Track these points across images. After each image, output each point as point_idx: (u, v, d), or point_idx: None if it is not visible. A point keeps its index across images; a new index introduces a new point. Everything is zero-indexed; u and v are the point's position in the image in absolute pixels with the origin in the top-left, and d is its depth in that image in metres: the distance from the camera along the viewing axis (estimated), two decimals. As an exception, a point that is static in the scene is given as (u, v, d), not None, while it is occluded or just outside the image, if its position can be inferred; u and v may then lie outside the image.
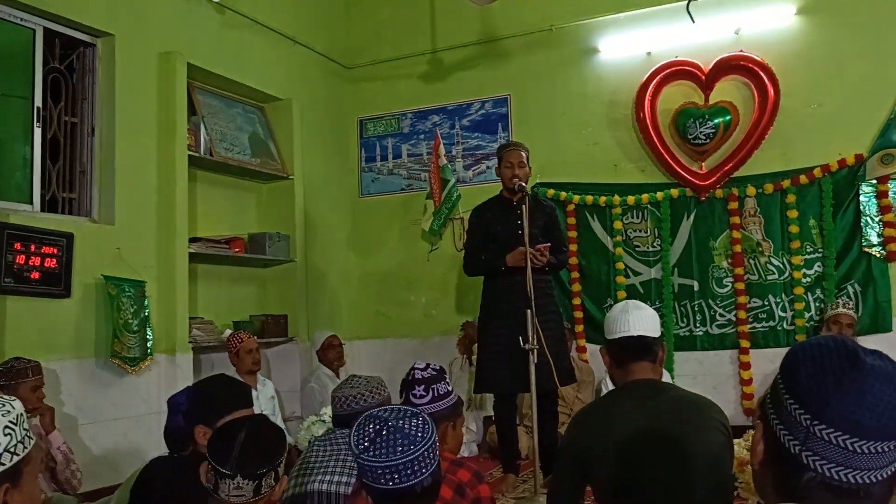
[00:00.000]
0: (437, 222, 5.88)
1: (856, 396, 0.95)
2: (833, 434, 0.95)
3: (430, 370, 2.45)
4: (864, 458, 0.95)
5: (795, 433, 0.99)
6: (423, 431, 1.59)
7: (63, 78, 4.51)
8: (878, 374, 0.96)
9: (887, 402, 0.95)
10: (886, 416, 0.94)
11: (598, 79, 6.02)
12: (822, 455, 0.97)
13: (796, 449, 0.99)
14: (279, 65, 5.95)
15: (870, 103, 5.28)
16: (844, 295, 5.30)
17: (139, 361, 4.41)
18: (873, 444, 0.94)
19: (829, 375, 0.98)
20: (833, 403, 0.96)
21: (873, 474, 0.96)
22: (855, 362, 0.97)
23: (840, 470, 0.96)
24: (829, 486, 0.97)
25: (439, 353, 6.06)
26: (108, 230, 4.46)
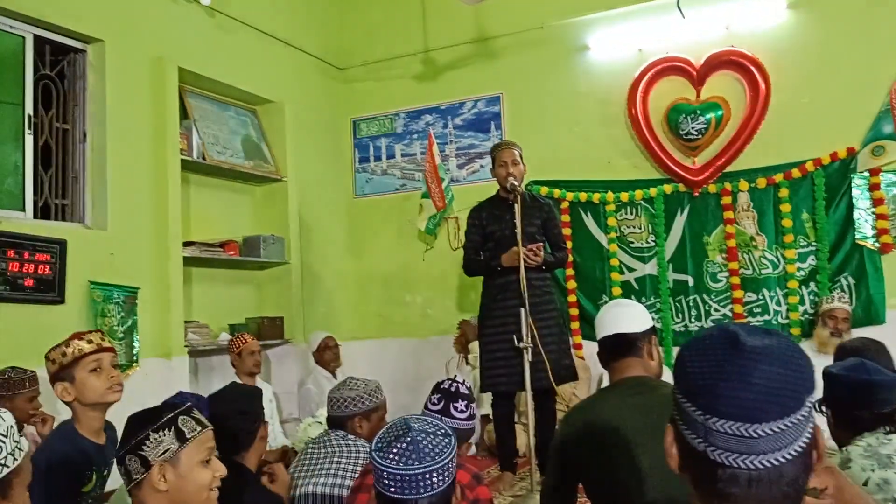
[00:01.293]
0: (432, 222, 5.89)
1: (739, 381, 0.93)
2: (726, 424, 0.93)
3: (466, 387, 2.49)
4: (765, 440, 0.93)
5: (696, 431, 0.97)
6: (439, 453, 1.59)
7: (54, 84, 4.51)
8: (760, 353, 0.94)
9: (773, 379, 0.93)
10: (774, 394, 0.92)
11: (589, 76, 6.03)
12: (724, 447, 0.94)
13: (702, 447, 0.96)
14: (271, 67, 5.95)
15: (861, 96, 5.29)
16: (838, 288, 5.31)
17: (125, 368, 4.41)
18: (768, 426, 0.92)
19: (712, 366, 0.96)
20: (719, 393, 0.94)
21: (779, 455, 0.93)
22: (735, 346, 0.96)
23: (746, 458, 0.93)
24: (737, 477, 0.94)
25: (436, 352, 6.09)
26: (101, 236, 4.47)
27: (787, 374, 0.93)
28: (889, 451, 1.95)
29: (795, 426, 0.93)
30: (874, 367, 2.21)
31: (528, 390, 3.99)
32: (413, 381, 5.85)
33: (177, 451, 1.72)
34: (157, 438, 1.72)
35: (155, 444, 1.71)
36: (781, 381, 0.93)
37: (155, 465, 1.70)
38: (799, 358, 0.96)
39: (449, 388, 2.49)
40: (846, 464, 1.97)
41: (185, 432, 1.75)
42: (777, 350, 0.95)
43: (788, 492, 0.95)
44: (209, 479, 1.78)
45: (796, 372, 0.94)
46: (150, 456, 1.70)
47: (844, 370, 2.23)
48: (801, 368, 0.95)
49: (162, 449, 1.71)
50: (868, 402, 2.12)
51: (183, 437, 1.75)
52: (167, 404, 1.86)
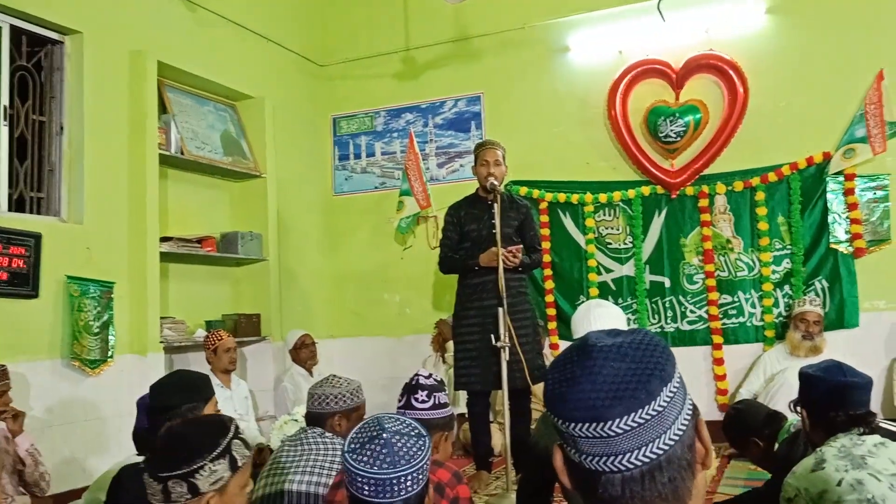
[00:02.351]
0: (405, 220, 5.88)
1: (587, 383, 0.89)
2: (583, 428, 0.89)
3: (432, 379, 2.48)
4: (624, 438, 0.88)
5: (567, 442, 0.93)
6: (413, 456, 1.56)
7: (30, 76, 4.45)
8: (607, 353, 0.91)
9: (619, 375, 0.89)
10: (622, 390, 0.88)
11: (569, 77, 6.06)
12: (590, 452, 0.90)
13: (577, 457, 0.92)
14: (251, 62, 5.92)
15: (837, 102, 5.36)
16: (812, 291, 5.39)
17: (99, 364, 4.37)
18: (622, 422, 0.88)
19: (565, 374, 0.92)
20: (570, 398, 0.90)
21: (646, 451, 0.89)
22: (583, 350, 0.93)
23: (612, 460, 0.89)
24: (613, 480, 0.90)
25: (413, 351, 6.09)
26: (77, 230, 4.42)
27: (635, 368, 0.89)
28: (862, 451, 1.98)
29: (654, 420, 0.88)
30: (849, 369, 2.24)
31: (506, 390, 4.01)
32: (389, 381, 5.83)
33: (228, 479, 1.65)
34: (213, 469, 1.62)
35: (209, 474, 1.61)
36: (629, 375, 0.88)
37: (206, 495, 1.60)
38: (652, 350, 0.91)
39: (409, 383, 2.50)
40: (820, 464, 1.99)
41: (238, 460, 1.67)
42: (626, 346, 0.91)
43: (674, 489, 0.90)
44: (244, 501, 1.73)
45: (646, 365, 0.89)
46: (203, 486, 1.60)
47: (820, 371, 2.26)
48: (652, 360, 0.90)
49: (215, 478, 1.62)
50: (843, 404, 2.15)
51: (235, 465, 1.66)
52: (219, 423, 1.74)
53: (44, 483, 3.60)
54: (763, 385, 5.13)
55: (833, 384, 2.19)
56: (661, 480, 0.89)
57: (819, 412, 2.22)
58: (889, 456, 1.98)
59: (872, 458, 1.95)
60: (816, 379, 2.24)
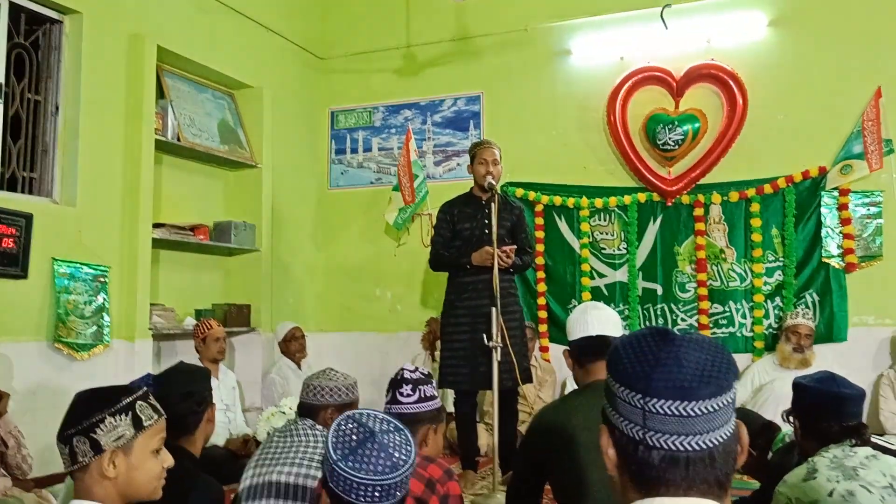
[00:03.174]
0: (401, 216, 5.86)
1: (675, 365, 0.99)
2: (664, 404, 0.98)
3: (418, 372, 2.46)
4: (700, 420, 0.98)
5: (634, 418, 1.01)
6: (406, 453, 1.51)
7: (27, 54, 4.40)
8: (689, 343, 1.02)
9: (703, 363, 0.99)
10: (707, 375, 0.98)
11: (570, 81, 6.06)
12: (662, 430, 0.98)
13: (640, 434, 1.00)
14: (251, 52, 5.88)
15: (835, 117, 5.39)
16: (803, 304, 5.41)
17: (90, 348, 4.32)
18: (703, 404, 0.97)
19: (648, 355, 1.02)
20: (656, 377, 0.99)
21: (713, 436, 0.98)
22: (666, 338, 1.03)
23: (682, 440, 0.98)
24: (676, 459, 0.98)
25: (404, 348, 6.06)
26: (69, 212, 4.37)
27: (714, 359, 1.00)
28: (854, 463, 1.98)
29: (726, 408, 0.99)
30: (843, 381, 2.25)
31: (496, 390, 3.99)
32: (378, 377, 5.74)
33: (131, 438, 1.63)
34: (113, 423, 1.61)
35: (110, 429, 1.60)
36: (710, 364, 1.00)
37: (107, 451, 1.59)
38: (722, 348, 1.03)
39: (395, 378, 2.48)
40: (812, 474, 1.98)
41: (143, 419, 1.66)
42: (702, 340, 1.03)
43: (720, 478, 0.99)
44: (159, 470, 1.70)
45: (722, 358, 1.01)
46: (104, 441, 1.59)
47: (814, 382, 2.26)
48: (726, 355, 1.02)
49: (117, 434, 1.60)
50: (836, 414, 2.15)
51: (140, 424, 1.65)
52: (123, 387, 1.74)
53: (25, 466, 3.55)
54: (751, 395, 5.14)
55: (826, 395, 2.20)
56: (717, 466, 0.99)
57: (811, 422, 2.22)
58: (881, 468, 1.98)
59: (864, 469, 1.95)
60: (810, 389, 2.25)
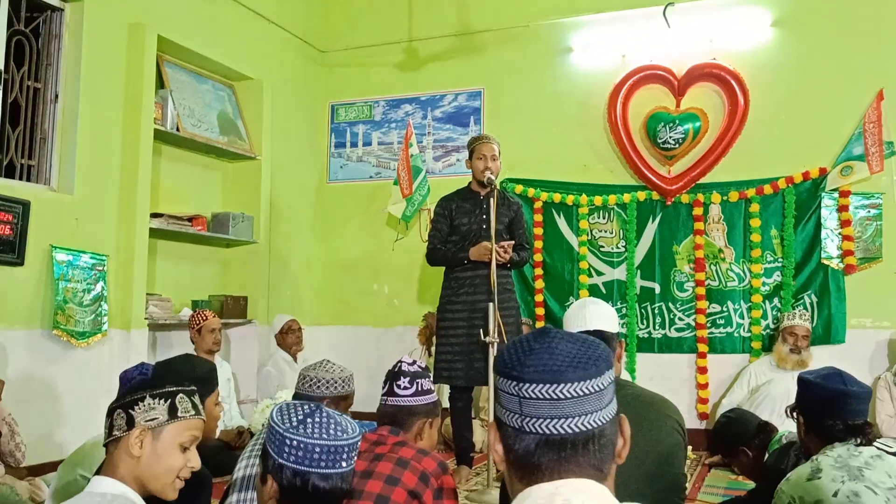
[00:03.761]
0: (409, 209, 5.82)
1: (546, 353, 1.06)
2: (536, 388, 1.03)
3: (416, 365, 2.45)
4: (569, 403, 1.02)
5: (513, 407, 1.05)
6: (350, 422, 1.58)
7: (28, 41, 4.38)
8: (561, 335, 1.09)
9: (574, 353, 1.06)
10: (575, 361, 1.04)
11: (571, 78, 6.04)
12: (536, 415, 1.03)
13: (518, 422, 1.05)
14: (252, 44, 5.86)
15: (836, 119, 5.38)
16: (801, 305, 5.40)
17: (89, 336, 4.31)
18: (571, 387, 1.02)
19: (524, 346, 1.08)
20: (529, 363, 1.05)
21: (581, 421, 1.03)
22: (542, 333, 1.10)
23: (554, 423, 1.03)
24: (551, 443, 1.03)
25: (400, 343, 6.05)
26: (66, 200, 4.35)
27: (585, 350, 1.06)
28: (859, 463, 1.94)
29: (597, 395, 1.04)
30: (849, 378, 2.20)
31: (492, 386, 3.97)
32: (374, 371, 5.75)
33: (163, 423, 1.70)
34: (151, 404, 1.69)
35: (146, 409, 1.68)
36: (580, 353, 1.05)
37: (137, 428, 1.67)
38: (596, 343, 1.09)
39: (392, 370, 2.47)
40: (816, 473, 1.95)
41: (179, 410, 1.72)
42: (577, 336, 1.10)
43: (595, 463, 1.04)
44: (180, 465, 1.74)
45: (594, 350, 1.06)
46: (138, 417, 1.68)
47: (820, 378, 2.21)
48: (599, 348, 1.08)
49: (151, 415, 1.69)
50: (841, 412, 2.11)
51: (175, 413, 1.71)
52: (177, 380, 1.80)
53: (19, 454, 3.55)
54: (747, 396, 5.14)
55: (832, 392, 2.15)
56: (593, 450, 1.03)
57: (816, 419, 2.17)
58: (886, 469, 1.95)
59: (869, 470, 1.92)
60: (815, 385, 2.20)
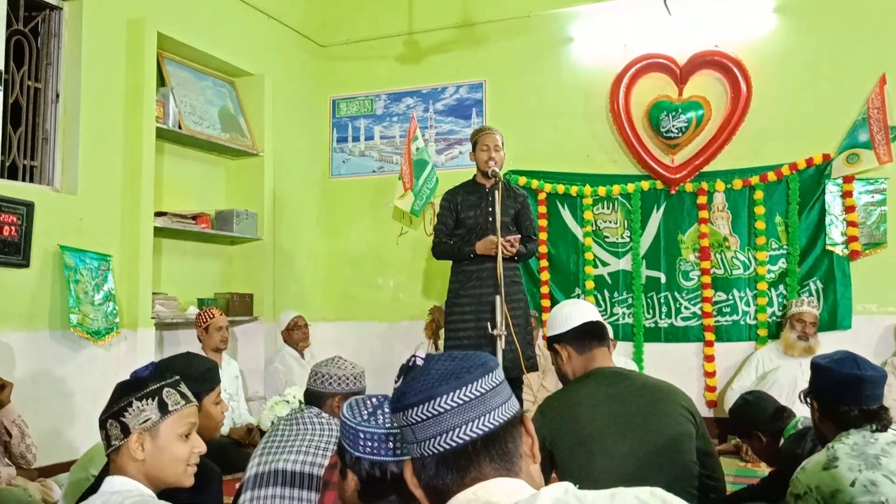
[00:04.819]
0: (418, 202, 5.79)
1: (422, 376, 1.08)
2: (417, 411, 1.05)
3: None
4: (450, 415, 1.04)
5: (409, 438, 1.08)
6: None
7: (27, 41, 4.36)
8: (436, 358, 1.12)
9: (447, 369, 1.08)
10: (446, 375, 1.06)
11: (573, 68, 6.02)
12: (426, 436, 1.05)
13: (418, 450, 1.06)
14: (252, 39, 5.84)
15: (839, 105, 5.36)
16: (806, 292, 5.39)
17: (105, 335, 4.31)
18: (446, 399, 1.04)
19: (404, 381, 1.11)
20: (407, 391, 1.08)
21: (469, 428, 1.04)
22: (415, 364, 1.14)
23: (444, 437, 1.04)
24: (449, 457, 1.04)
25: (406, 337, 6.05)
26: (70, 200, 4.34)
27: (460, 363, 1.08)
28: (876, 450, 1.91)
29: (478, 400, 1.04)
30: (864, 362, 2.15)
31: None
32: (381, 366, 5.79)
33: (157, 421, 1.73)
34: (140, 407, 1.72)
35: (137, 413, 1.71)
36: (454, 367, 1.07)
37: (134, 433, 1.70)
38: (476, 355, 1.11)
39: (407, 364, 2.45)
40: (833, 462, 1.92)
41: (168, 404, 1.75)
42: (456, 355, 1.11)
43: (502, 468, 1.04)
44: (187, 454, 1.78)
45: (471, 362, 1.08)
46: (131, 423, 1.71)
47: (834, 363, 2.16)
48: (477, 359, 1.09)
49: (143, 418, 1.71)
50: (856, 398, 2.06)
51: (165, 408, 1.74)
52: (156, 375, 1.82)
53: (30, 455, 3.55)
54: (754, 383, 5.13)
55: (847, 377, 2.09)
56: (494, 453, 1.04)
57: (830, 405, 2.12)
58: None
59: (886, 457, 1.89)
60: (829, 370, 2.14)
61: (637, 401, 2.29)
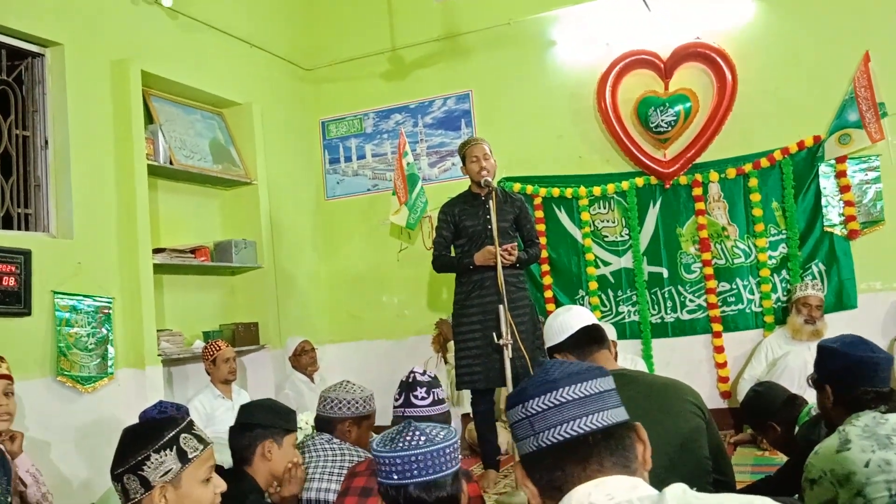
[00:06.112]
0: (413, 216, 5.79)
1: (542, 374, 1.14)
2: (537, 402, 1.10)
3: (427, 375, 2.44)
4: (571, 406, 1.09)
5: (525, 431, 1.11)
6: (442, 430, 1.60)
7: (11, 90, 4.37)
8: (552, 364, 1.16)
9: (565, 369, 1.14)
10: (567, 373, 1.12)
11: (558, 71, 6.03)
12: (545, 426, 1.09)
13: (535, 442, 1.10)
14: (237, 69, 5.85)
15: (825, 86, 5.36)
16: (809, 275, 5.38)
17: (95, 381, 4.28)
18: (568, 390, 1.09)
19: (522, 384, 1.16)
20: (527, 386, 1.13)
21: (589, 420, 1.08)
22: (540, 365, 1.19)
23: (564, 427, 1.07)
24: (569, 447, 1.07)
25: (414, 352, 6.03)
26: (67, 245, 4.34)
27: (575, 366, 1.14)
28: (887, 430, 1.91)
29: (597, 397, 1.10)
30: (873, 344, 2.14)
31: (510, 387, 3.97)
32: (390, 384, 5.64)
33: (179, 471, 1.65)
34: (159, 459, 1.63)
35: (156, 465, 1.63)
36: (571, 368, 1.13)
37: (156, 487, 1.62)
38: (588, 364, 1.17)
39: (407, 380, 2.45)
40: (845, 445, 1.92)
41: (188, 452, 1.68)
42: (567, 362, 1.17)
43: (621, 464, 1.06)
44: (210, 498, 1.73)
45: (583, 365, 1.15)
46: (152, 477, 1.62)
47: (846, 346, 2.14)
48: (589, 365, 1.15)
49: (163, 470, 1.63)
50: (871, 380, 2.05)
51: (185, 457, 1.67)
52: (167, 419, 1.76)
53: (46, 503, 3.53)
54: (765, 370, 5.12)
55: (862, 359, 2.08)
56: (614, 447, 1.07)
57: (844, 388, 2.10)
58: None
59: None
60: (841, 354, 2.12)
61: (647, 402, 2.28)
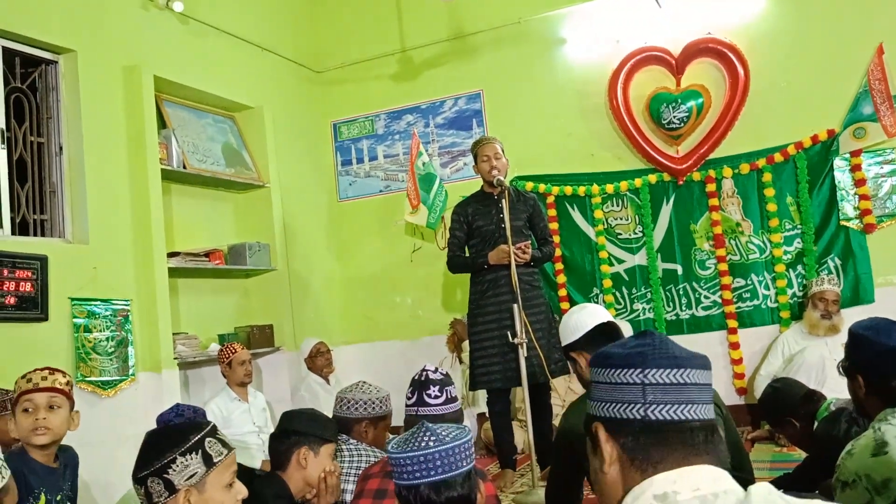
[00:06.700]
0: (432, 215, 5.78)
1: (663, 345, 1.10)
2: (661, 373, 1.06)
3: (439, 373, 2.43)
4: (693, 389, 1.07)
5: (634, 397, 1.07)
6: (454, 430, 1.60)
7: (26, 97, 4.41)
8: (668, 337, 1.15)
9: (682, 350, 1.11)
10: (691, 354, 1.10)
11: (569, 69, 6.02)
12: (661, 400, 1.06)
13: (640, 412, 1.06)
14: (248, 72, 5.88)
15: (838, 79, 5.32)
16: (825, 269, 5.34)
17: (116, 384, 4.31)
18: (694, 372, 1.07)
19: (637, 345, 1.11)
20: (650, 354, 1.08)
21: (704, 409, 1.07)
22: (647, 332, 1.16)
23: (680, 408, 1.05)
24: (680, 428, 1.04)
25: (428, 352, 6.03)
26: (82, 250, 4.37)
27: (689, 351, 1.11)
28: None
29: (709, 388, 1.09)
30: None
31: (525, 386, 3.97)
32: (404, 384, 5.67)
33: (203, 475, 1.66)
34: (184, 462, 1.64)
35: (181, 468, 1.64)
36: (690, 351, 1.11)
37: (181, 491, 1.63)
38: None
39: (419, 378, 2.44)
40: (882, 448, 1.75)
41: (213, 456, 1.69)
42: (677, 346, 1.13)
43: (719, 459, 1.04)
44: (232, 503, 1.74)
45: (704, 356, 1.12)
46: (176, 480, 1.63)
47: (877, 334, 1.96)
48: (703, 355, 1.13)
49: (189, 473, 1.64)
50: None
51: (210, 461, 1.68)
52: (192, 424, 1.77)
53: (65, 507, 3.56)
54: (782, 366, 5.08)
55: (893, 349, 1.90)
56: (717, 440, 1.06)
57: (881, 380, 1.92)
58: None
59: None
60: (871, 342, 1.94)
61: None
